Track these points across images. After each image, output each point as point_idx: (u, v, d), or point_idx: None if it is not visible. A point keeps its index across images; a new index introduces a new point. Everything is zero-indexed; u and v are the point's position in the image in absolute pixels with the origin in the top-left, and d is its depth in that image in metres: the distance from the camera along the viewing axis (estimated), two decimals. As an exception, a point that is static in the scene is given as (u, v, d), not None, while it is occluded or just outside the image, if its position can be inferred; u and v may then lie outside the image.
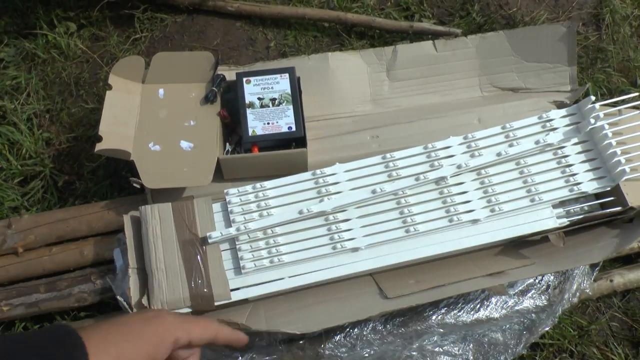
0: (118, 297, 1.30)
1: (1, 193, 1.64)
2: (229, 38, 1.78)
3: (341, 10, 1.79)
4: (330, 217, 1.39)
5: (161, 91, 1.55)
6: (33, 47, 1.83)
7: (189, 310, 1.32)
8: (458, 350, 1.47)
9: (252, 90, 1.51)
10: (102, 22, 1.83)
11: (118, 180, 1.63)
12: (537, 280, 1.54)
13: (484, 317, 1.48)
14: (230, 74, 1.57)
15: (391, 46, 1.66)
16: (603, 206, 1.54)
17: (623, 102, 1.63)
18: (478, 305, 1.48)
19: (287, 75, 1.52)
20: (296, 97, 1.50)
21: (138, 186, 1.41)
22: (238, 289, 1.35)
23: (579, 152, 1.55)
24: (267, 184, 1.42)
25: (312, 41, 1.79)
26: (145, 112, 1.51)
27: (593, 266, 1.57)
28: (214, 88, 1.53)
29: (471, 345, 1.48)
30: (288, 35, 1.79)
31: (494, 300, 1.49)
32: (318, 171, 1.43)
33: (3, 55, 1.86)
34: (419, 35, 1.75)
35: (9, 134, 1.71)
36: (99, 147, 1.39)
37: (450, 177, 1.46)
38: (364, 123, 1.62)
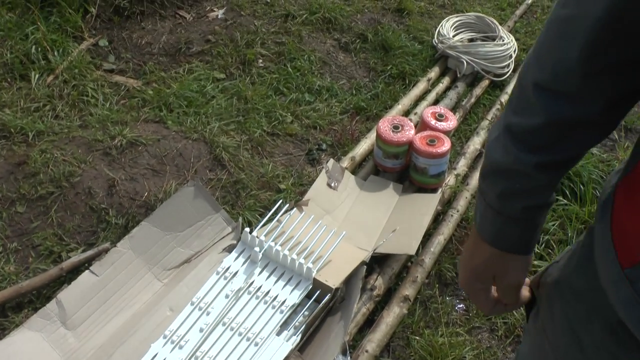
0: None
1: None
2: None
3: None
4: None
5: None
6: None
7: None
8: None
9: None
10: None
11: None
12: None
13: None
14: None
15: (53, 300, 1.62)
16: (318, 300, 1.67)
17: (275, 213, 1.82)
18: None
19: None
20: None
21: None
22: None
23: (268, 277, 1.69)
24: None
25: (-30, 346, 1.65)
26: None
27: (345, 353, 1.67)
28: None
29: None
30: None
31: None
32: None
33: None
34: (76, 271, 1.73)
35: None
36: None
37: (172, 381, 1.44)
38: (69, 388, 1.52)
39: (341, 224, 1.95)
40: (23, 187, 1.88)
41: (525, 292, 0.88)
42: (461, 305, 1.89)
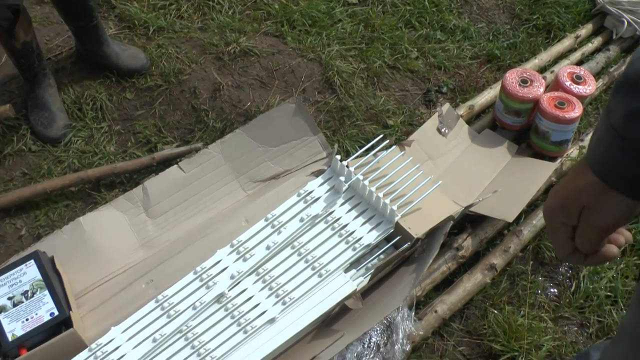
0: None
1: None
2: (-26, 245, 1.72)
3: (83, 169, 1.80)
4: (118, 390, 1.33)
5: None
6: None
7: None
8: None
9: (-2, 293, 1.44)
10: None
11: None
12: (365, 346, 1.53)
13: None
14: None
15: (140, 185, 1.68)
16: (397, 247, 1.60)
17: (373, 147, 1.74)
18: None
19: (32, 262, 1.48)
20: (49, 280, 1.46)
21: None
22: None
23: (349, 210, 1.62)
24: (42, 386, 1.33)
25: (65, 211, 1.77)
26: None
27: (411, 307, 1.60)
28: (-41, 307, 1.44)
29: None
30: (38, 216, 1.76)
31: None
32: (94, 345, 1.38)
33: None
34: (166, 163, 1.78)
35: None
36: None
37: (229, 290, 1.45)
38: (137, 273, 1.59)
39: (442, 173, 1.83)
40: (134, 76, 1.94)
41: (612, 248, 0.73)
42: (554, 290, 1.72)
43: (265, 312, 1.43)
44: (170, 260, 1.59)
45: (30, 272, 1.48)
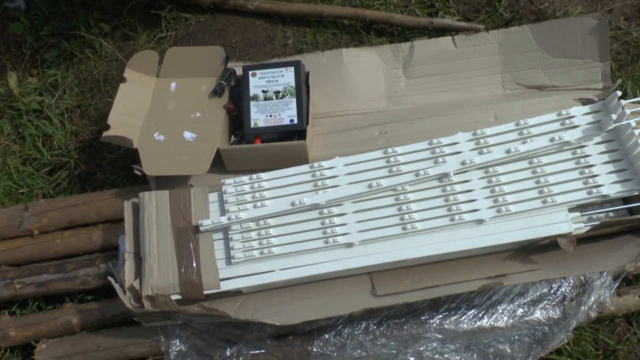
0: (109, 277, 1.36)
1: (32, 181, 1.77)
2: (248, 36, 1.85)
3: (362, 7, 1.81)
4: (325, 210, 1.40)
5: (173, 85, 1.63)
6: (72, 47, 1.97)
7: (178, 297, 1.36)
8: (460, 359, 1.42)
9: (257, 83, 1.55)
10: (133, 24, 1.95)
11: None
12: (551, 291, 1.46)
13: (488, 325, 1.42)
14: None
15: (408, 42, 1.65)
16: (632, 212, 1.45)
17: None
18: (482, 312, 1.43)
19: (292, 68, 1.56)
20: (300, 90, 1.53)
21: (139, 173, 1.48)
22: (228, 278, 1.38)
23: (602, 152, 1.47)
24: (264, 175, 1.45)
25: (330, 39, 1.82)
26: (155, 104, 1.60)
27: (616, 279, 1.47)
28: (223, 82, 1.59)
29: (475, 355, 1.42)
30: (307, 33, 1.83)
31: (500, 308, 1.44)
32: (316, 164, 1.45)
33: (47, 56, 2.02)
34: (440, 32, 1.73)
35: (43, 127, 1.85)
36: (105, 134, 1.49)
37: (455, 174, 1.42)
38: (375, 119, 1.62)
39: None
40: None
41: None
42: None
43: (477, 210, 1.39)
44: (409, 121, 1.59)
45: (287, 77, 1.56)
